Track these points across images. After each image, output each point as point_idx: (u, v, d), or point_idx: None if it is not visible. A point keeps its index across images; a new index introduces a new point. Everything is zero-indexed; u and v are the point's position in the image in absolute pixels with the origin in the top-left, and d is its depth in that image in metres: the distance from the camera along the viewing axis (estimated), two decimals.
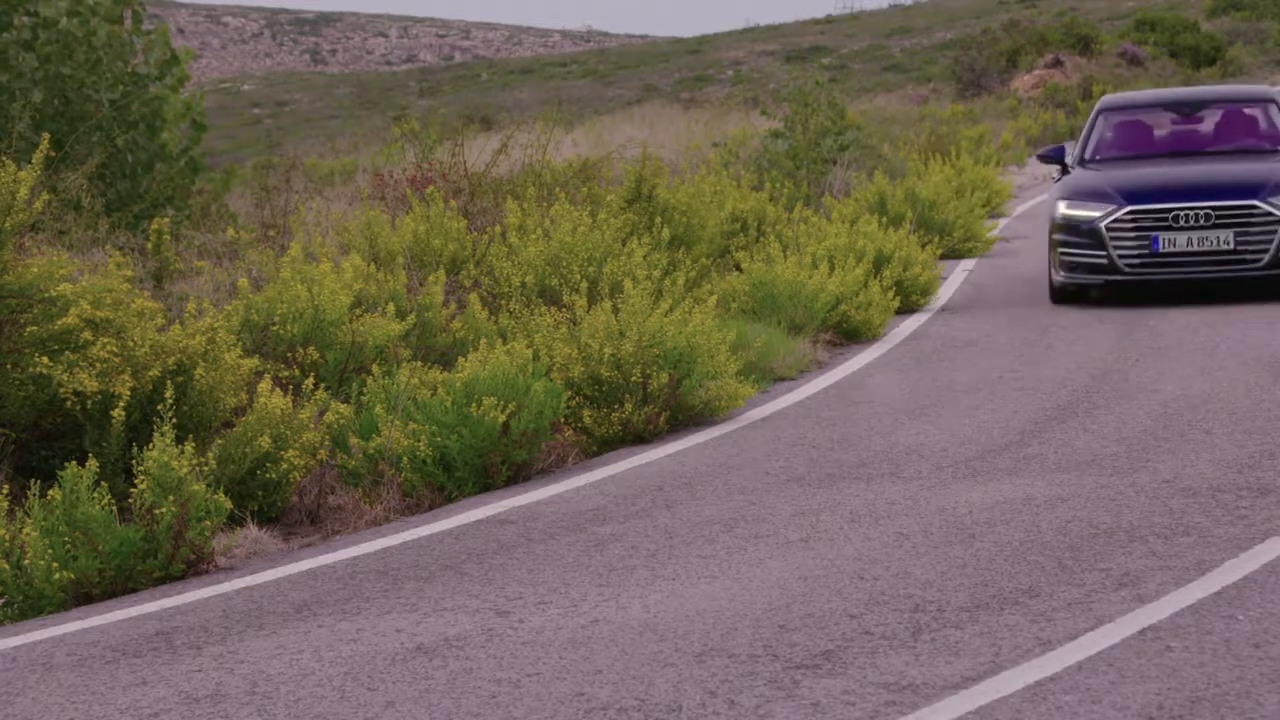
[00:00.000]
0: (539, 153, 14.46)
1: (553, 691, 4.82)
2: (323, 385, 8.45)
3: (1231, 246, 12.79)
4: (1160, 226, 12.90)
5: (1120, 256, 12.98)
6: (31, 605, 6.30)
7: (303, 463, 7.50)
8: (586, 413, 8.84)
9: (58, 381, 7.25)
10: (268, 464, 7.40)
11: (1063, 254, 13.29)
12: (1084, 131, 14.66)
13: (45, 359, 7.29)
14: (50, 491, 6.44)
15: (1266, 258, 12.80)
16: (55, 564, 6.29)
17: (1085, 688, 4.60)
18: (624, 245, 11.42)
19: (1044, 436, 8.38)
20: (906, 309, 13.85)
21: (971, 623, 5.26)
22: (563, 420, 8.79)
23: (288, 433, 7.48)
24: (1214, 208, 12.84)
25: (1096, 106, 14.87)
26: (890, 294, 13.04)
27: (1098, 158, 14.32)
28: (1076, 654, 4.89)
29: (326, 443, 7.84)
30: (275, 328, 8.85)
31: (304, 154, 23.48)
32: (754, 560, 6.26)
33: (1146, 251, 12.92)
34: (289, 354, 8.81)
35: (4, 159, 7.69)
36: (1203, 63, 50.39)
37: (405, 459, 7.84)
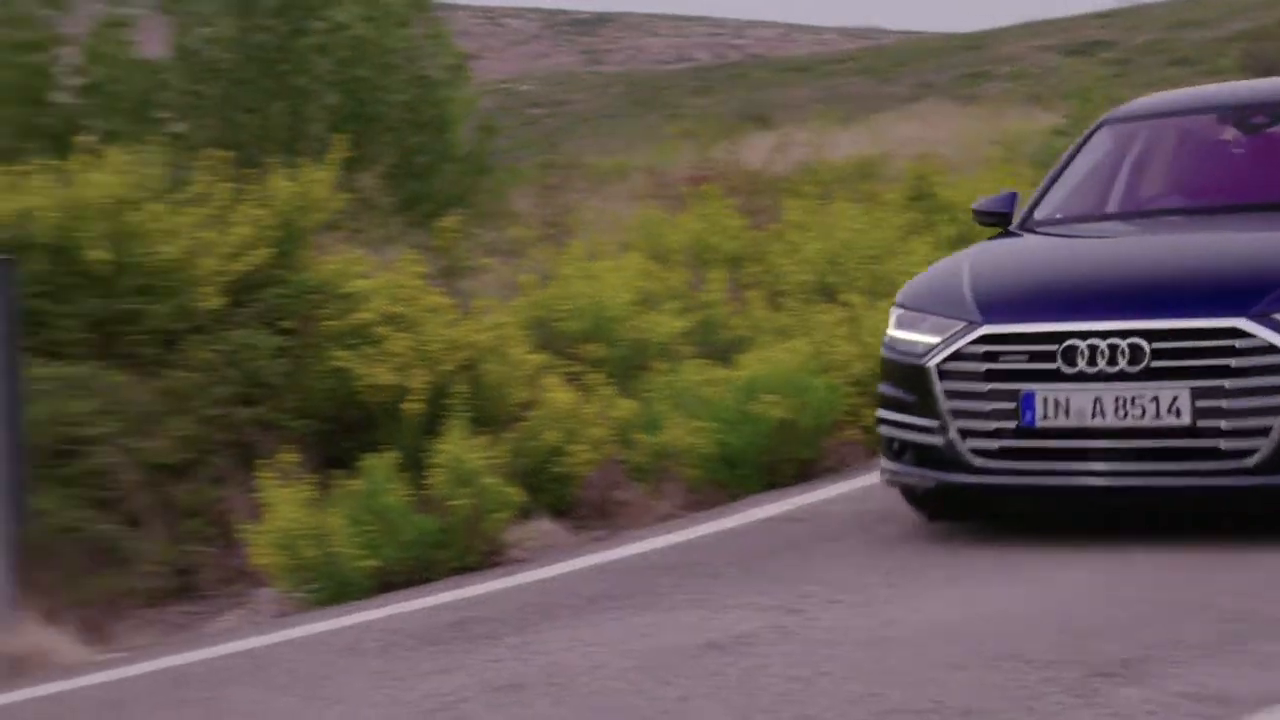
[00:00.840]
0: (816, 150, 14.45)
1: (845, 690, 4.79)
2: (608, 381, 8.55)
3: (1187, 421, 5.96)
4: (1039, 373, 6.16)
5: (964, 433, 6.28)
6: (339, 591, 6.51)
7: (590, 457, 7.61)
8: (870, 411, 8.77)
9: (356, 374, 7.48)
10: (556, 457, 7.52)
11: (880, 419, 6.76)
12: (1056, 165, 7.66)
13: (344, 352, 7.53)
14: (352, 481, 6.64)
15: (1265, 447, 5.89)
16: (361, 551, 6.49)
17: None
18: (904, 243, 11.35)
19: None
20: None
21: None
22: (846, 419, 8.74)
23: (575, 427, 7.59)
24: (1150, 333, 6.01)
25: (1098, 120, 7.87)
26: None
27: (1059, 216, 7.32)
28: None
29: (613, 438, 7.94)
30: (559, 323, 9.00)
31: (582, 153, 23.84)
32: (1052, 563, 6.13)
33: (1012, 426, 6.19)
34: (573, 350, 8.94)
35: (302, 160, 7.96)
36: None
37: (690, 455, 7.88)
